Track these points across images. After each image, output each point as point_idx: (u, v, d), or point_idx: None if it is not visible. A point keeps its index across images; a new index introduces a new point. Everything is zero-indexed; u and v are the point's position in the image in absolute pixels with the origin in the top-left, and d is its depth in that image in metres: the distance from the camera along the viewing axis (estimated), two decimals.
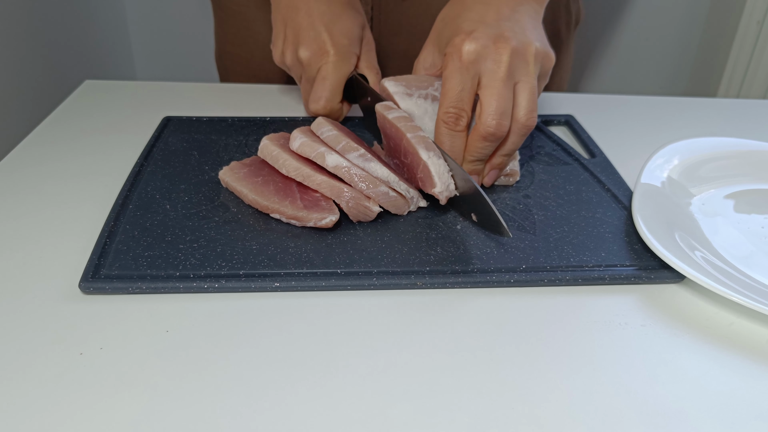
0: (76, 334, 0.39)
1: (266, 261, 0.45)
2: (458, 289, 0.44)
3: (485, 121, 0.48)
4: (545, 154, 0.60)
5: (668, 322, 0.42)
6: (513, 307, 0.42)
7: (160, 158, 0.57)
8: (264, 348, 0.39)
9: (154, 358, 0.38)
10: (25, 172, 0.56)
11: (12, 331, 0.39)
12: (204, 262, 0.44)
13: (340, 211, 0.48)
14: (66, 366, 0.37)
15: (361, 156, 0.49)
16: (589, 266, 0.45)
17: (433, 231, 0.48)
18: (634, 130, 0.67)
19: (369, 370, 0.37)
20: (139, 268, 0.44)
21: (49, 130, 0.64)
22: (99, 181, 0.55)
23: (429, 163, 0.47)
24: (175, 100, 0.71)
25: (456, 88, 0.49)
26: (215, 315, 0.41)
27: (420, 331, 0.40)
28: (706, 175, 0.56)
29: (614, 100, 0.75)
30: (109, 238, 0.46)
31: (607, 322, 0.42)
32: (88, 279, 0.42)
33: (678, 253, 0.44)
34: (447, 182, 0.47)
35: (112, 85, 0.75)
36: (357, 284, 0.43)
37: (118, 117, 0.67)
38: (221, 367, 0.37)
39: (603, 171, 0.57)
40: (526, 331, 0.40)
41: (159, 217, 0.49)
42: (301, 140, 0.50)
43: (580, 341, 0.40)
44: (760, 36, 1.30)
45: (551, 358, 0.39)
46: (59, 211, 0.51)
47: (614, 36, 1.52)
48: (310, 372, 0.37)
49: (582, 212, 0.51)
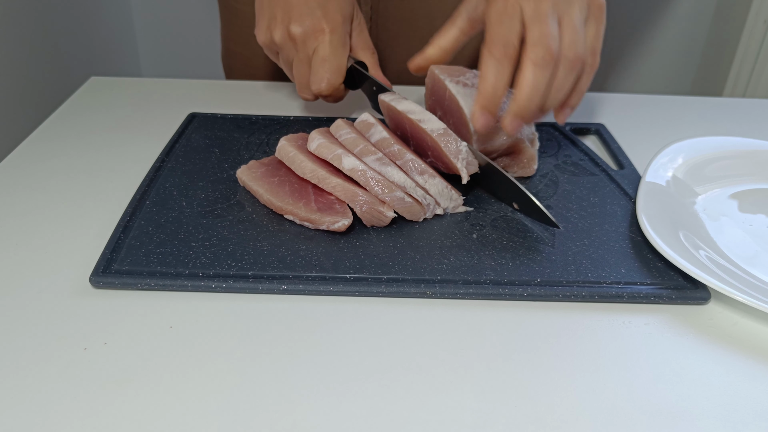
0: (83, 328, 0.39)
1: (276, 263, 0.44)
2: (469, 300, 0.43)
3: (533, 47, 0.46)
4: (571, 163, 0.58)
5: (672, 321, 0.41)
6: (524, 321, 0.41)
7: (181, 154, 0.58)
8: (267, 348, 0.38)
9: (157, 354, 0.38)
10: (31, 169, 0.57)
11: (21, 325, 0.40)
12: (214, 261, 0.44)
13: (354, 214, 0.47)
14: (70, 360, 0.37)
15: (378, 160, 0.48)
16: (607, 282, 0.44)
17: (447, 239, 0.47)
18: (664, 134, 0.65)
19: (372, 374, 0.37)
20: (150, 265, 0.44)
21: (55, 126, 0.65)
22: (106, 178, 0.55)
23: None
24: (184, 98, 0.71)
25: (503, 26, 0.47)
26: (221, 314, 0.41)
27: (426, 339, 0.39)
28: (711, 174, 0.55)
29: (643, 100, 0.73)
30: (123, 233, 0.46)
31: (611, 321, 0.41)
32: (99, 273, 0.43)
33: (683, 253, 0.44)
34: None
35: (118, 81, 0.75)
36: (365, 291, 0.42)
37: (124, 114, 0.67)
38: (224, 366, 0.37)
39: (631, 183, 0.55)
40: (534, 338, 0.39)
41: (174, 213, 0.49)
42: (318, 141, 0.50)
43: (584, 340, 0.40)
44: (766, 35, 1.27)
45: (555, 357, 0.38)
46: (68, 208, 0.51)
47: (621, 35, 1.50)
48: (312, 373, 0.36)
49: (605, 226, 0.49)
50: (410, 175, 0.48)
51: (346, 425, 0.34)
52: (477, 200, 0.52)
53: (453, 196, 0.49)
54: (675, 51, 1.53)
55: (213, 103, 0.69)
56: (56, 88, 1.02)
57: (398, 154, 0.49)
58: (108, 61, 1.22)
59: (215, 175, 0.54)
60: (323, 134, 0.51)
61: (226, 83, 0.76)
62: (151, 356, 0.38)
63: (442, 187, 0.48)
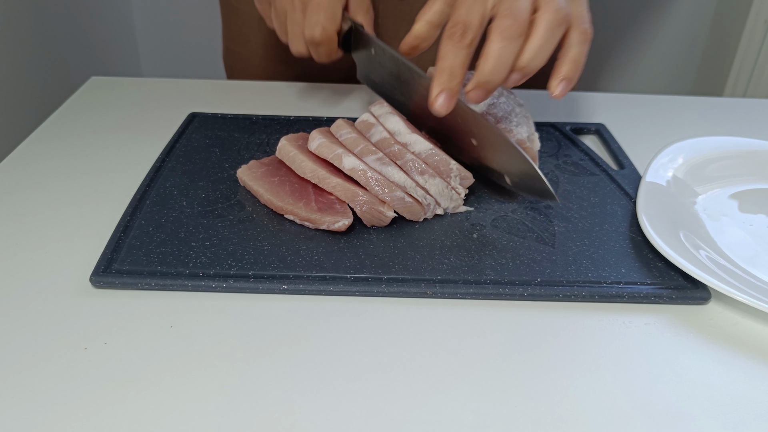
0: (83, 328, 0.39)
1: (276, 262, 0.44)
2: (469, 300, 0.43)
3: (501, 17, 0.44)
4: (571, 163, 0.58)
5: (672, 321, 0.41)
6: (524, 321, 0.41)
7: (182, 154, 0.58)
8: (268, 348, 0.38)
9: (158, 353, 0.38)
10: (31, 169, 0.57)
11: (21, 325, 0.40)
12: (214, 260, 0.44)
13: (354, 214, 0.47)
14: (70, 360, 0.37)
15: (378, 160, 0.48)
16: (607, 282, 0.44)
17: (448, 239, 0.47)
18: (664, 134, 0.65)
19: (373, 374, 0.37)
20: (150, 264, 0.44)
21: (55, 126, 0.64)
22: (106, 178, 0.55)
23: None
24: (184, 98, 0.71)
25: (464, 6, 0.45)
26: (222, 314, 0.41)
27: (425, 337, 0.39)
28: (712, 174, 0.56)
29: (643, 99, 0.73)
30: (123, 233, 0.46)
31: (611, 321, 0.41)
32: (99, 273, 0.43)
33: (683, 253, 0.44)
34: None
35: (119, 81, 0.75)
36: (366, 291, 0.42)
37: (124, 114, 0.67)
38: (225, 366, 0.37)
39: (631, 183, 0.55)
40: (534, 337, 0.39)
41: (175, 213, 0.49)
42: (319, 141, 0.50)
43: (584, 340, 0.40)
44: (767, 35, 1.27)
45: (555, 356, 0.38)
46: (69, 207, 0.51)
47: (621, 34, 1.49)
48: (312, 373, 0.36)
49: (605, 226, 0.49)
50: (410, 175, 0.48)
51: (347, 425, 0.34)
52: (477, 200, 0.52)
53: (453, 196, 0.48)
54: (675, 51, 1.54)
55: (213, 102, 0.69)
56: (56, 88, 1.02)
57: (398, 154, 0.49)
58: (108, 61, 1.22)
59: (216, 175, 0.54)
60: (324, 134, 0.51)
61: (227, 83, 0.76)
62: (152, 356, 0.38)
63: (443, 187, 0.48)
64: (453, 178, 0.48)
